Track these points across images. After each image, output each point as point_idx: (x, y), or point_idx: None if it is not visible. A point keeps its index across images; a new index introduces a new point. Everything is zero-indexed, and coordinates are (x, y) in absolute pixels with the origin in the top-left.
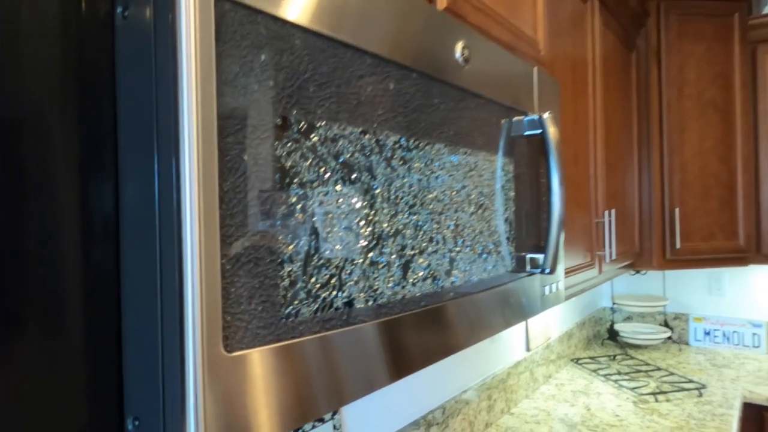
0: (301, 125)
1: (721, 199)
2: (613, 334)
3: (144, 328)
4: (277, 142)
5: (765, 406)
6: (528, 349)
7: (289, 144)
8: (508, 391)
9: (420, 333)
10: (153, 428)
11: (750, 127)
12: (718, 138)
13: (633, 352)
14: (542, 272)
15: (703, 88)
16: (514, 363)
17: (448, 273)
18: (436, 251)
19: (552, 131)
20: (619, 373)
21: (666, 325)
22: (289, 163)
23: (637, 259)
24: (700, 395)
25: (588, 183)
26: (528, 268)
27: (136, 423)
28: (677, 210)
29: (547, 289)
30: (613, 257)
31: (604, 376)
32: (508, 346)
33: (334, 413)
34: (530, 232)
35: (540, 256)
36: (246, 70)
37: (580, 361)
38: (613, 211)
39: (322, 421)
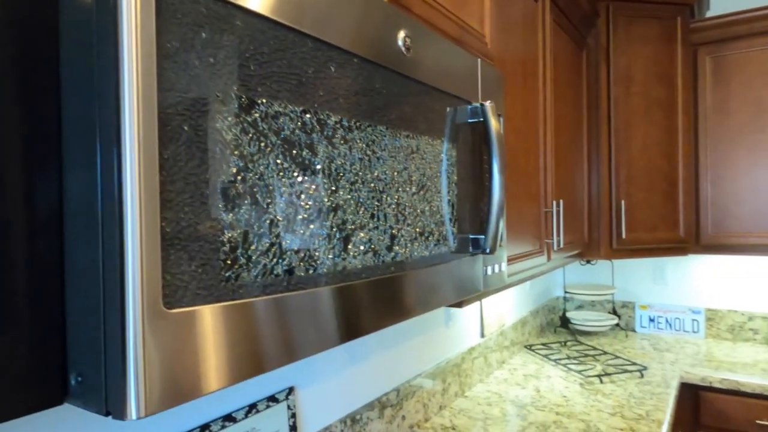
0: (242, 101)
1: (663, 193)
2: (565, 322)
3: (86, 288)
4: (218, 116)
5: (700, 386)
6: (482, 336)
7: (229, 118)
8: (462, 375)
9: (360, 303)
10: (95, 383)
11: (691, 125)
12: (661, 135)
13: (583, 338)
14: (483, 252)
15: (648, 87)
16: (468, 349)
17: (390, 248)
18: (377, 227)
19: (492, 119)
20: (569, 358)
21: (614, 312)
22: (229, 136)
23: (586, 248)
24: (642, 376)
25: (538, 175)
26: (470, 248)
27: (79, 379)
28: (623, 202)
29: (489, 269)
30: (561, 246)
31: (555, 360)
32: (463, 332)
33: (288, 394)
34: (473, 215)
35: (481, 237)
36: (187, 47)
37: (533, 348)
38: (561, 202)
39: (276, 401)
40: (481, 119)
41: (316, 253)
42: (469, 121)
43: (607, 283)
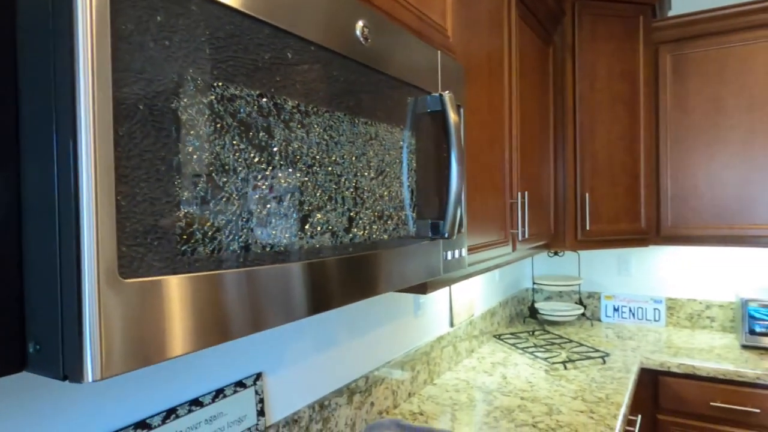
0: (198, 83)
1: (626, 186)
2: (533, 312)
3: (44, 258)
4: (173, 97)
5: (659, 371)
6: (452, 325)
7: (185, 99)
8: (431, 363)
9: (318, 281)
10: (53, 351)
11: (652, 120)
12: (624, 129)
13: (551, 327)
14: (442, 237)
15: (612, 83)
16: (437, 338)
17: (348, 230)
18: (335, 209)
19: (451, 110)
20: (535, 346)
21: (581, 303)
22: (185, 117)
23: (552, 239)
24: (604, 363)
25: (503, 166)
26: (429, 233)
27: (38, 347)
28: (587, 195)
29: (449, 254)
30: (526, 236)
31: (522, 349)
32: (432, 321)
33: (256, 379)
34: (433, 201)
35: (440, 223)
36: (141, 30)
37: (501, 337)
38: (526, 194)
39: (243, 386)
40: (440, 109)
41: (273, 232)
42: (429, 111)
43: (574, 274)
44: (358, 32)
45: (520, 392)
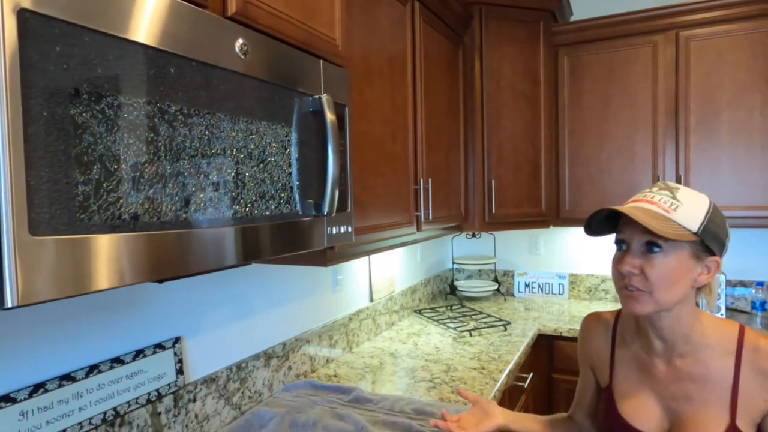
0: (91, 95)
1: (528, 174)
2: (453, 289)
3: None
4: (71, 105)
5: (553, 336)
6: (371, 300)
7: (80, 107)
8: (350, 334)
9: (202, 247)
10: None
11: (552, 115)
12: (527, 123)
13: (468, 303)
14: (323, 215)
15: (516, 82)
16: (356, 311)
17: (230, 207)
18: (217, 190)
19: (328, 110)
20: (450, 318)
21: (496, 280)
22: (81, 119)
23: (463, 221)
24: (505, 330)
25: (407, 157)
26: (313, 211)
27: None
28: (494, 182)
29: (333, 229)
30: (430, 218)
31: (437, 321)
32: (351, 296)
33: (175, 342)
34: (317, 186)
35: (321, 203)
36: (44, 57)
37: (422, 312)
38: (430, 180)
39: (162, 348)
40: (320, 109)
41: (160, 207)
42: (311, 110)
43: (490, 254)
44: (237, 49)
45: (426, 356)
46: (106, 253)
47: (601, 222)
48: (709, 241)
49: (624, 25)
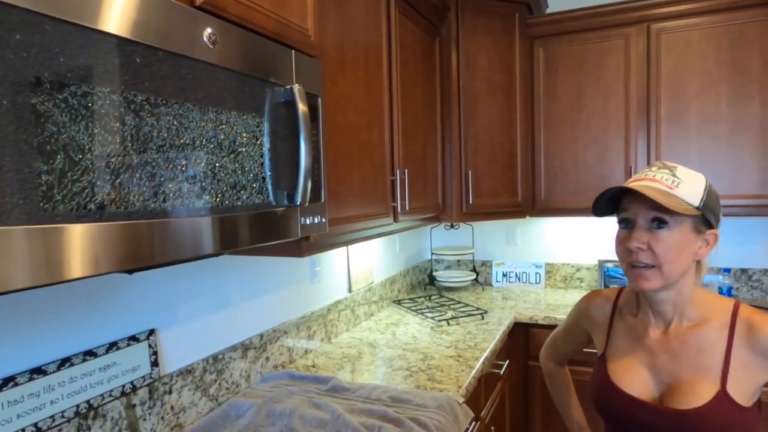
0: (53, 83)
1: (504, 165)
2: (432, 280)
3: None
4: (32, 94)
5: (529, 323)
6: (350, 291)
7: (42, 96)
8: (328, 325)
9: (174, 237)
10: None
11: (528, 106)
12: (503, 115)
13: (447, 293)
14: (296, 205)
15: (491, 73)
16: (335, 302)
17: (200, 197)
18: (186, 180)
19: (299, 101)
20: (428, 308)
21: (474, 270)
22: (43, 108)
23: (440, 212)
24: (482, 318)
25: (383, 147)
26: (286, 201)
27: None
28: (471, 173)
29: (307, 220)
30: (407, 209)
31: (416, 311)
32: (330, 288)
33: (150, 335)
34: (291, 176)
35: (294, 193)
36: (3, 45)
37: (401, 302)
38: (407, 171)
39: (137, 340)
40: (291, 99)
41: (128, 197)
42: (283, 101)
43: (469, 245)
44: (205, 38)
45: (404, 345)
46: (71, 242)
47: (605, 204)
48: (708, 215)
49: (597, 18)
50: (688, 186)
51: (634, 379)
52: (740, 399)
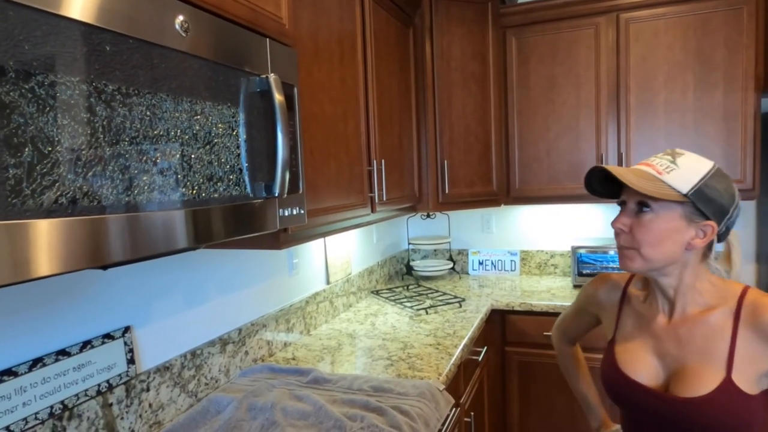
0: (18, 73)
1: (479, 154)
2: (409, 270)
3: None
4: None
5: (506, 310)
6: (328, 283)
7: (6, 85)
8: (307, 317)
9: (147, 231)
10: None
11: (501, 96)
12: (477, 104)
13: (424, 282)
14: (273, 196)
15: (465, 63)
16: (313, 294)
17: (175, 189)
18: (161, 172)
19: (276, 90)
20: (406, 298)
21: (451, 259)
22: (7, 99)
23: (417, 202)
24: (460, 306)
25: (359, 137)
26: (263, 193)
27: None
28: (446, 162)
29: (285, 211)
30: (384, 199)
31: (394, 301)
32: (307, 280)
33: (125, 332)
34: (268, 167)
35: (272, 184)
36: None
37: (379, 292)
38: (383, 161)
39: (111, 338)
40: (267, 89)
41: (99, 190)
42: (258, 91)
43: (445, 234)
44: (177, 26)
45: (383, 335)
46: (42, 238)
47: (607, 186)
48: (701, 205)
49: (568, 7)
50: (681, 172)
51: (641, 366)
52: (746, 387)
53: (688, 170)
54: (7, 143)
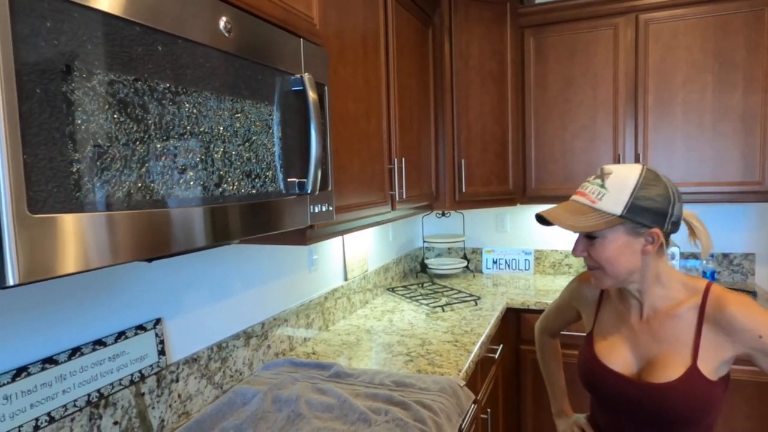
0: (82, 72)
1: (496, 153)
2: (424, 267)
3: None
4: (63, 82)
5: (521, 309)
6: (346, 279)
7: (72, 84)
8: (326, 312)
9: (192, 225)
10: None
11: (519, 95)
12: (494, 103)
13: (439, 280)
14: (306, 193)
15: (483, 62)
16: (332, 290)
17: (218, 185)
18: (205, 168)
19: (310, 89)
20: (422, 295)
21: (465, 258)
22: (73, 97)
23: (434, 200)
24: (476, 304)
25: (381, 135)
26: (296, 190)
27: None
28: (463, 161)
29: (315, 208)
30: (404, 197)
31: (410, 298)
32: (326, 276)
33: (156, 324)
34: (300, 164)
35: (305, 181)
36: (35, 33)
37: (394, 289)
38: (404, 159)
39: (144, 329)
40: (302, 87)
41: (152, 185)
42: (293, 89)
43: (459, 233)
44: (221, 26)
45: (401, 331)
46: (102, 230)
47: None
48: (638, 218)
49: (587, 8)
50: (611, 195)
51: (617, 356)
52: (709, 374)
53: (616, 190)
54: (72, 139)
